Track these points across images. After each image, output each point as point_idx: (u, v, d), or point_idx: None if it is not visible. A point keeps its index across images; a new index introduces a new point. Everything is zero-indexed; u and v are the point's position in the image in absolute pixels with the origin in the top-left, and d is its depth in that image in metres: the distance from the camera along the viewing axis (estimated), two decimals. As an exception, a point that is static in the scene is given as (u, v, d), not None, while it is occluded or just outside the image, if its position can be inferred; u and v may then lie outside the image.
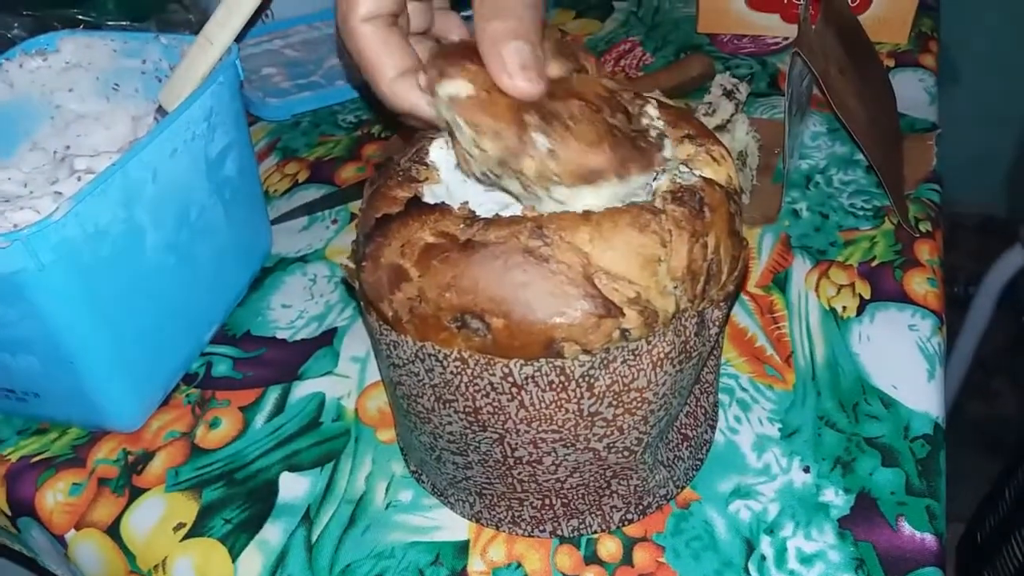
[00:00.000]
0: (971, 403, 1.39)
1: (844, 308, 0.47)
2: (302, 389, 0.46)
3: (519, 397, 0.32)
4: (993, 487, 0.95)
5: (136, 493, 0.42)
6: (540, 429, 0.33)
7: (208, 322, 0.49)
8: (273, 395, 0.46)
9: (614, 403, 0.33)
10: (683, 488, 0.39)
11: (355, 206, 0.59)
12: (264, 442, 0.44)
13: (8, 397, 0.43)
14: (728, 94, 0.57)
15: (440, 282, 0.31)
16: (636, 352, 0.31)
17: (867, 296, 0.48)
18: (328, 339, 0.49)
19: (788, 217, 0.54)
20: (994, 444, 1.33)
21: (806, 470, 0.40)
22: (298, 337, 0.49)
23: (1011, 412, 1.43)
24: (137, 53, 0.50)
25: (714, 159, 0.34)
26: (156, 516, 0.41)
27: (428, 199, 0.34)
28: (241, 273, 0.51)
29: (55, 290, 0.37)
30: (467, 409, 0.33)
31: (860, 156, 0.58)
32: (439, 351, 0.32)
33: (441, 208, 0.32)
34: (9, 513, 0.43)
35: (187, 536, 0.40)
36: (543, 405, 0.32)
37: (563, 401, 0.32)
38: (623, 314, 0.31)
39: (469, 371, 0.32)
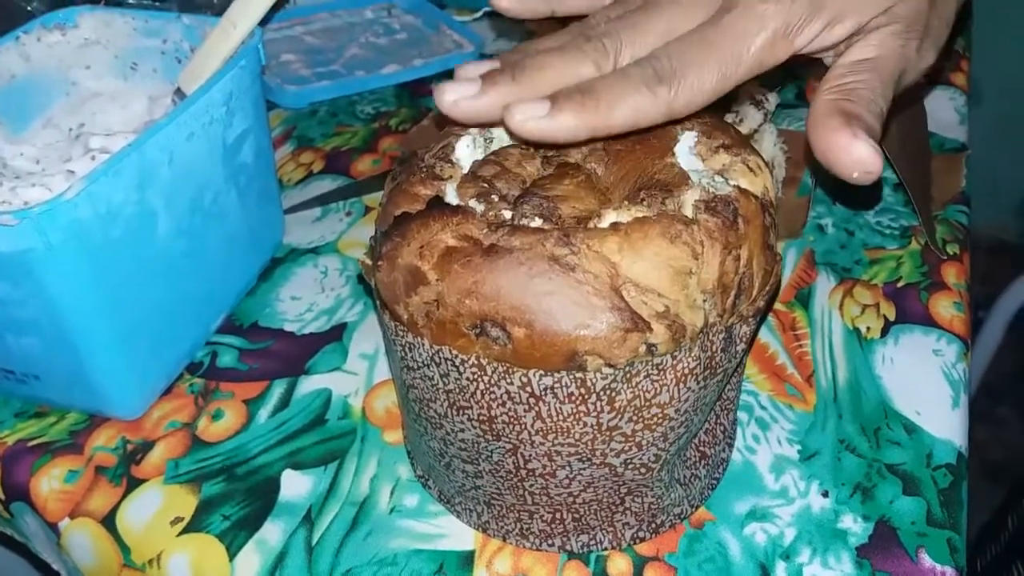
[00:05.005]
0: (976, 428, 1.37)
1: (868, 329, 0.46)
2: (308, 384, 0.45)
3: (536, 408, 0.31)
4: (994, 516, 0.94)
5: (134, 484, 0.41)
6: (556, 442, 0.32)
7: (216, 310, 0.48)
8: (279, 389, 0.45)
9: (634, 418, 0.31)
10: (698, 507, 0.38)
11: (370, 199, 0.58)
12: (267, 437, 0.43)
13: (7, 378, 0.42)
14: (756, 103, 0.55)
15: (460, 287, 0.30)
16: (660, 367, 0.30)
17: (892, 318, 0.47)
18: (337, 334, 0.48)
19: (813, 232, 0.53)
20: (997, 471, 1.32)
21: (825, 495, 0.39)
22: (307, 330, 0.48)
23: (1016, 439, 1.41)
24: (158, 32, 0.49)
25: (750, 169, 0.33)
26: (153, 508, 0.40)
27: (451, 199, 0.33)
28: (252, 262, 0.50)
29: (63, 271, 0.36)
30: (481, 417, 0.32)
31: (888, 173, 0.56)
32: (456, 356, 0.31)
33: (464, 210, 0.31)
34: (3, 497, 0.42)
35: (184, 531, 0.39)
36: (561, 417, 0.31)
37: (582, 414, 0.31)
38: (650, 329, 0.29)
39: (486, 378, 0.31)
